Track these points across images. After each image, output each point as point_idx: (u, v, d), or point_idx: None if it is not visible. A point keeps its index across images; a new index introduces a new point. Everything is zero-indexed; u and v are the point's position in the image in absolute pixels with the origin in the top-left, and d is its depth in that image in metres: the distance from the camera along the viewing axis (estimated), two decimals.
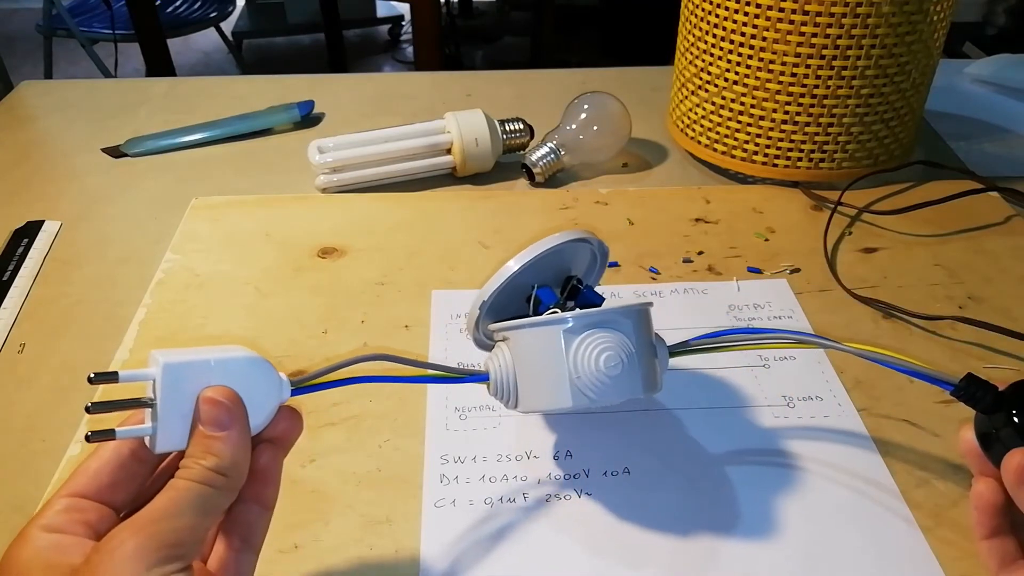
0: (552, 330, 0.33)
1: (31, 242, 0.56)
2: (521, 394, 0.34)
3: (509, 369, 0.34)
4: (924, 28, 0.56)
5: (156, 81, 0.83)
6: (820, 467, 0.40)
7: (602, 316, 0.33)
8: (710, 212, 0.59)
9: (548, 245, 0.35)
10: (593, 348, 0.32)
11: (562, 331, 0.33)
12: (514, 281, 0.36)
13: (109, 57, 2.09)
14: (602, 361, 0.32)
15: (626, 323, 0.33)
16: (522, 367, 0.34)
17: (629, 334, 0.33)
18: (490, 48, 2.69)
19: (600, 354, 0.32)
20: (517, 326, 0.34)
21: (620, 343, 0.33)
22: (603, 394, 0.33)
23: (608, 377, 0.32)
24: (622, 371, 0.32)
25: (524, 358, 0.34)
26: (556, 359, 0.33)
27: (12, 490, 0.40)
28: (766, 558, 0.36)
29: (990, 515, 0.30)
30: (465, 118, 0.63)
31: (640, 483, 0.39)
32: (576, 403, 0.33)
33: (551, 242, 0.36)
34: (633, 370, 0.33)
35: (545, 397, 0.34)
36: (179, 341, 0.47)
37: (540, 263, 0.36)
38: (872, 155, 0.61)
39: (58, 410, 0.44)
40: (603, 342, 0.32)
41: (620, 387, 0.33)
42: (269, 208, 0.60)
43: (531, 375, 0.34)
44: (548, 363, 0.33)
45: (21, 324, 0.50)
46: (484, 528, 0.37)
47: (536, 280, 0.37)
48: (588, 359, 0.32)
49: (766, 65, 0.57)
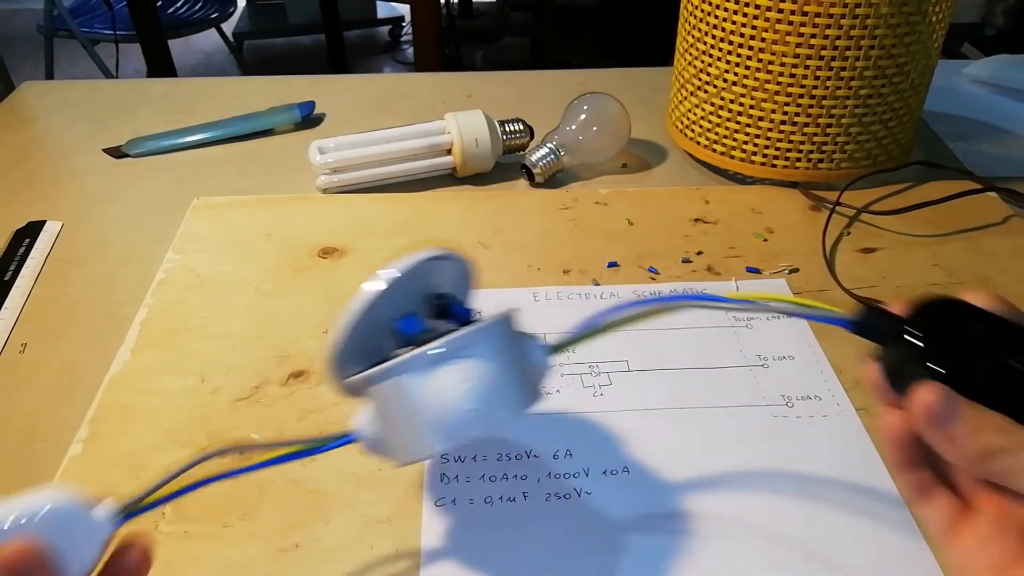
0: (398, 379, 0.30)
1: (32, 242, 0.57)
2: (393, 447, 0.31)
3: (374, 424, 0.31)
4: (923, 29, 0.56)
5: (157, 82, 0.83)
6: (819, 466, 0.40)
7: (450, 346, 0.30)
8: (709, 212, 0.60)
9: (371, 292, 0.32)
10: (446, 386, 0.29)
11: (408, 377, 0.30)
12: (374, 318, 0.32)
13: (110, 58, 2.09)
14: (459, 397, 0.29)
15: (479, 346, 0.30)
16: (384, 420, 0.31)
17: (485, 356, 0.30)
18: (490, 49, 2.69)
19: (454, 391, 0.29)
20: (366, 380, 0.31)
21: (475, 372, 0.30)
22: (473, 428, 0.30)
23: (471, 412, 0.29)
24: (485, 401, 0.30)
25: (383, 411, 0.31)
26: (412, 407, 0.30)
27: (13, 490, 0.39)
28: (765, 557, 0.36)
29: (904, 448, 0.29)
30: (465, 119, 0.63)
31: (639, 482, 0.39)
32: (448, 445, 0.30)
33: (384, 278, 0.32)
34: (498, 394, 0.30)
35: (414, 447, 0.31)
36: (181, 341, 0.48)
37: (396, 294, 0.32)
38: (871, 155, 0.61)
39: (59, 410, 0.44)
40: (455, 376, 0.30)
41: (491, 415, 0.30)
42: (270, 208, 0.60)
43: (395, 427, 0.31)
44: (406, 412, 0.30)
45: (22, 324, 0.50)
46: (484, 527, 0.37)
47: (401, 309, 0.33)
48: (444, 399, 0.29)
49: (765, 66, 0.57)
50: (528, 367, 0.32)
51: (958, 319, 0.28)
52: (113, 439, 0.42)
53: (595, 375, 0.45)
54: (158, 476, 0.39)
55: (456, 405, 0.29)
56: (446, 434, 0.30)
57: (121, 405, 0.43)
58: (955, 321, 0.27)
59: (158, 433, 0.42)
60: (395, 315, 0.32)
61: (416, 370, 0.30)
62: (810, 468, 0.40)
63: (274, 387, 0.45)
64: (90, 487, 0.39)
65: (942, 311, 0.28)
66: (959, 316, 0.28)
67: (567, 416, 0.43)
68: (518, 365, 0.32)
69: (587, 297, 0.51)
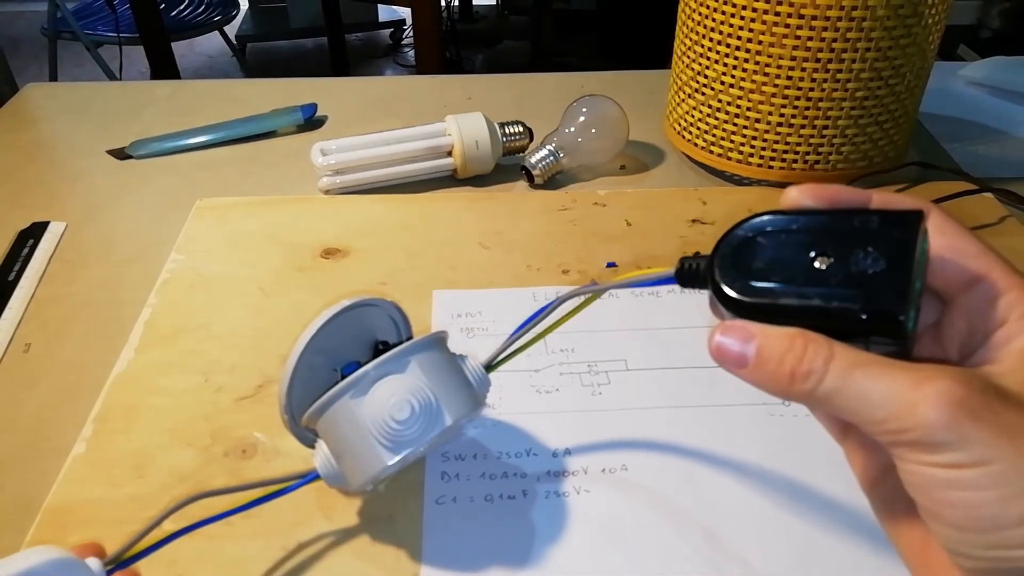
0: (337, 406, 0.32)
1: (36, 243, 0.57)
2: (349, 473, 0.33)
3: (329, 457, 0.33)
4: (919, 31, 0.56)
5: (161, 84, 0.84)
6: (817, 465, 0.40)
7: (380, 366, 0.32)
8: (707, 213, 0.60)
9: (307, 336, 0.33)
10: (381, 400, 0.31)
11: (346, 400, 0.32)
12: (318, 367, 0.34)
13: (114, 60, 2.10)
14: (392, 411, 0.31)
15: (406, 361, 0.32)
16: (335, 449, 0.33)
17: (416, 371, 0.32)
18: (490, 52, 2.70)
19: (389, 402, 0.31)
20: (315, 412, 0.33)
21: (406, 386, 0.31)
22: (413, 440, 0.31)
23: (407, 423, 0.31)
24: (420, 410, 0.31)
25: (332, 441, 0.33)
26: (354, 427, 0.32)
27: (18, 489, 0.40)
28: (765, 557, 0.36)
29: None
30: (466, 121, 0.63)
31: (638, 481, 0.40)
32: (392, 459, 0.31)
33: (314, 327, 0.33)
34: (434, 403, 0.32)
35: (364, 467, 0.32)
36: (184, 340, 0.48)
37: (338, 345, 0.34)
38: (866, 157, 0.61)
39: (63, 410, 0.44)
40: (387, 393, 0.31)
41: (429, 425, 0.31)
42: (273, 209, 0.61)
43: (344, 453, 0.33)
44: (349, 435, 0.32)
45: (26, 324, 0.51)
46: (485, 525, 0.38)
47: (342, 359, 0.35)
48: (379, 416, 0.31)
49: (762, 68, 0.58)
50: (463, 379, 0.34)
51: (764, 234, 0.25)
52: (117, 438, 0.42)
53: (594, 374, 0.46)
54: (161, 476, 0.40)
55: (392, 414, 0.31)
56: (389, 446, 0.31)
57: (125, 404, 0.44)
58: (761, 237, 0.25)
59: (162, 432, 0.43)
60: (340, 363, 0.34)
61: (352, 392, 0.32)
62: (808, 467, 0.40)
63: (277, 386, 0.45)
64: (94, 486, 0.39)
65: (746, 233, 0.25)
66: (765, 231, 0.25)
67: (566, 415, 0.43)
68: (451, 376, 0.33)
69: None
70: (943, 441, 0.21)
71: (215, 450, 0.41)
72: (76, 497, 0.39)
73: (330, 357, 0.35)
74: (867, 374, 0.22)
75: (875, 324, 0.23)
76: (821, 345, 0.23)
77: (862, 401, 0.22)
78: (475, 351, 0.36)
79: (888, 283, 0.23)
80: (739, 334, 0.24)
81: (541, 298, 0.52)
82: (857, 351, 0.23)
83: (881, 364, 0.22)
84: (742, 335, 0.24)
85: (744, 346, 0.24)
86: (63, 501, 0.39)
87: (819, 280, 0.23)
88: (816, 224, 0.24)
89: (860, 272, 0.23)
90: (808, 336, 0.23)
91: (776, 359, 0.23)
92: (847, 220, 0.24)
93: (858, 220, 0.24)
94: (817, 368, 0.22)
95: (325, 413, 0.33)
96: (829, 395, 0.22)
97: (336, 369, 0.35)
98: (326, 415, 0.33)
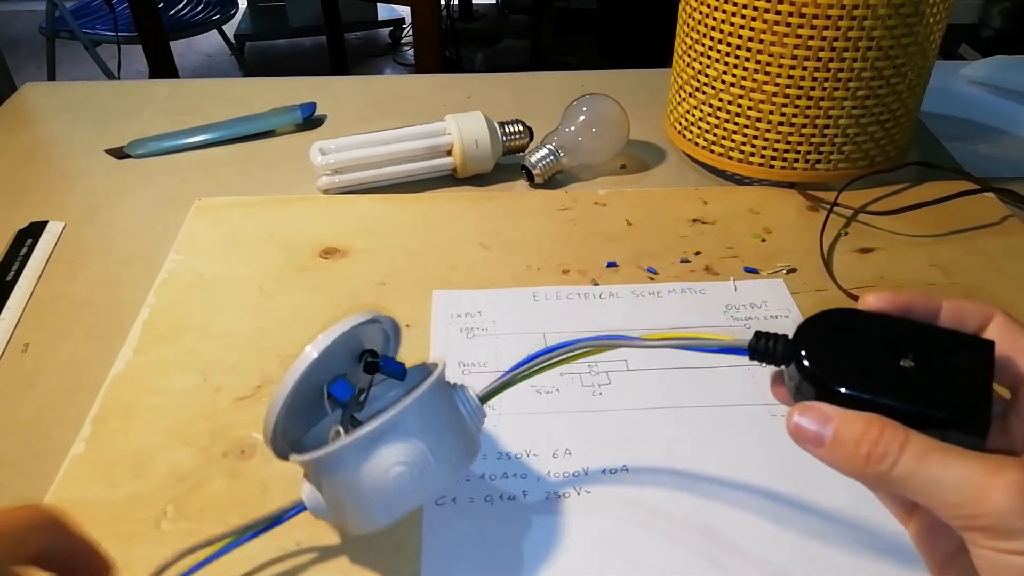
0: (335, 464, 0.31)
1: (35, 243, 0.57)
2: (340, 519, 0.33)
3: (318, 498, 0.33)
4: (920, 30, 0.56)
5: (159, 83, 0.83)
6: (818, 465, 0.40)
7: (380, 428, 0.31)
8: (707, 213, 0.60)
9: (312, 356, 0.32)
10: (377, 470, 0.31)
11: (345, 462, 0.31)
12: (308, 383, 0.33)
13: (112, 59, 2.10)
14: (390, 478, 0.31)
15: (410, 422, 0.31)
16: (328, 497, 0.33)
17: (416, 431, 0.31)
18: (490, 51, 2.70)
19: (389, 472, 0.31)
20: (309, 463, 0.32)
21: (405, 452, 0.31)
22: (408, 502, 0.32)
23: (404, 488, 0.31)
24: (418, 474, 0.31)
25: (326, 490, 0.33)
26: (351, 490, 0.31)
27: (16, 489, 0.40)
28: (765, 557, 0.36)
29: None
30: (465, 120, 0.63)
31: (638, 481, 0.40)
32: (387, 521, 0.32)
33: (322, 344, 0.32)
34: (432, 465, 0.31)
35: (357, 523, 0.32)
36: (183, 340, 0.48)
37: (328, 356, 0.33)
38: (868, 156, 0.61)
39: (62, 410, 0.44)
40: (385, 459, 0.31)
41: (425, 486, 0.31)
42: (272, 209, 0.60)
43: (337, 505, 0.33)
44: (342, 494, 0.32)
45: (25, 324, 0.50)
46: (485, 526, 0.38)
47: (333, 370, 0.34)
48: (376, 482, 0.31)
49: (763, 67, 0.58)
50: (463, 423, 0.34)
51: (847, 329, 0.28)
52: (116, 438, 0.42)
53: (594, 374, 0.45)
54: (160, 475, 0.40)
55: (390, 481, 0.31)
56: (386, 512, 0.32)
57: (124, 404, 0.44)
58: (844, 331, 0.27)
59: (161, 432, 0.42)
60: (327, 377, 0.33)
61: (351, 455, 0.31)
62: (809, 467, 0.40)
63: (276, 386, 0.45)
64: (93, 486, 0.39)
65: (831, 323, 0.28)
66: (848, 326, 0.28)
67: (566, 415, 0.43)
68: (452, 427, 0.33)
69: (586, 297, 0.52)
70: (1016, 528, 0.22)
71: (214, 450, 0.41)
72: (75, 497, 0.39)
73: (318, 367, 0.33)
74: (941, 460, 0.24)
75: (955, 426, 0.25)
76: (897, 430, 0.24)
77: (936, 485, 0.23)
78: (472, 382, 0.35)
79: (967, 389, 0.25)
80: (816, 416, 0.26)
81: (541, 298, 0.51)
82: (930, 439, 0.24)
83: (955, 452, 0.24)
84: (819, 417, 0.26)
85: (822, 427, 0.25)
86: (62, 501, 0.39)
87: (903, 378, 0.26)
88: (899, 328, 0.27)
89: (942, 377, 0.26)
90: (884, 421, 0.25)
91: (853, 441, 0.25)
92: (929, 330, 0.28)
93: (940, 332, 0.27)
94: (892, 451, 0.24)
95: (318, 466, 0.32)
96: (903, 478, 0.24)
97: (324, 387, 0.33)
98: (319, 468, 0.32)
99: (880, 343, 0.27)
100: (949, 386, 0.26)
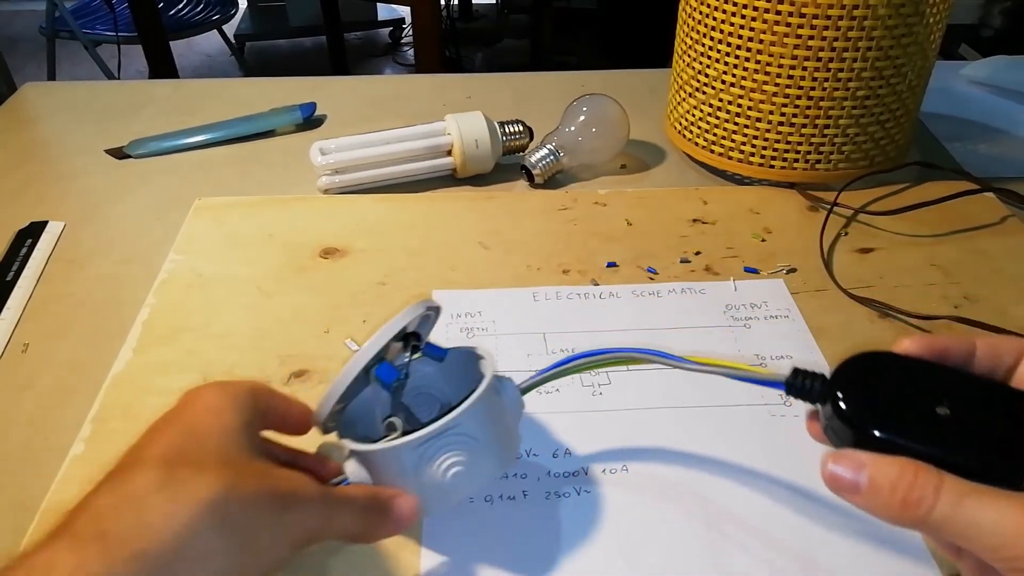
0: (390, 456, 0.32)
1: (35, 243, 0.57)
2: None
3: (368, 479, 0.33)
4: (920, 30, 0.56)
5: (159, 83, 0.83)
6: (817, 463, 0.40)
7: (443, 427, 0.32)
8: (707, 213, 0.60)
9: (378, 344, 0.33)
10: (435, 465, 0.32)
11: (400, 459, 0.32)
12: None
13: (112, 59, 2.10)
14: (449, 476, 0.32)
15: (467, 423, 0.32)
16: (376, 482, 0.33)
17: (472, 430, 0.32)
18: (490, 51, 2.70)
19: (443, 469, 0.32)
20: (361, 455, 0.33)
21: (463, 451, 0.32)
22: (463, 493, 0.33)
23: (460, 484, 0.32)
24: (474, 471, 0.32)
25: (374, 474, 0.33)
26: (398, 479, 0.32)
27: (16, 489, 0.40)
28: (765, 557, 0.36)
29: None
30: (465, 120, 0.63)
31: (639, 481, 0.40)
32: (440, 511, 0.34)
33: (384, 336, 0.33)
34: (485, 463, 0.33)
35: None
36: (183, 340, 0.48)
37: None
38: (868, 156, 0.61)
39: (61, 410, 0.44)
40: (444, 456, 0.32)
41: (479, 480, 0.33)
42: (272, 209, 0.60)
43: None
44: (401, 484, 0.32)
45: (25, 324, 0.50)
46: (484, 526, 0.38)
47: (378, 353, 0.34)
48: (434, 477, 0.32)
49: (763, 67, 0.58)
50: (508, 416, 0.34)
51: (884, 372, 0.28)
52: (115, 438, 0.42)
53: (594, 374, 0.45)
54: None
55: (449, 483, 0.32)
56: (439, 505, 0.33)
57: (123, 404, 0.44)
58: (880, 375, 0.28)
59: None
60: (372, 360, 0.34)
61: (409, 453, 0.32)
62: (808, 467, 0.40)
63: (276, 386, 0.45)
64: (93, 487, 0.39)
65: (868, 366, 0.28)
66: (884, 369, 0.28)
67: (566, 415, 0.43)
68: (501, 422, 0.34)
69: (586, 297, 0.52)
70: None
71: None
72: (75, 497, 0.38)
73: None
74: (977, 503, 0.24)
75: (990, 477, 0.25)
76: (931, 474, 0.24)
77: (974, 528, 0.24)
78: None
79: (1003, 439, 0.26)
80: (851, 463, 0.26)
81: (541, 298, 0.51)
82: (965, 481, 0.24)
83: (990, 493, 0.24)
84: (854, 464, 0.26)
85: (856, 474, 0.25)
86: (62, 501, 0.38)
87: (939, 426, 0.26)
88: (936, 374, 0.28)
89: (978, 426, 0.26)
90: (917, 465, 0.25)
91: (888, 487, 0.25)
92: (966, 377, 0.28)
93: (977, 380, 0.28)
94: (928, 495, 0.24)
95: (375, 457, 0.33)
96: (941, 522, 0.24)
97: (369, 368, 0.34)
98: (371, 459, 0.33)
99: (916, 388, 0.27)
100: (985, 436, 0.26)
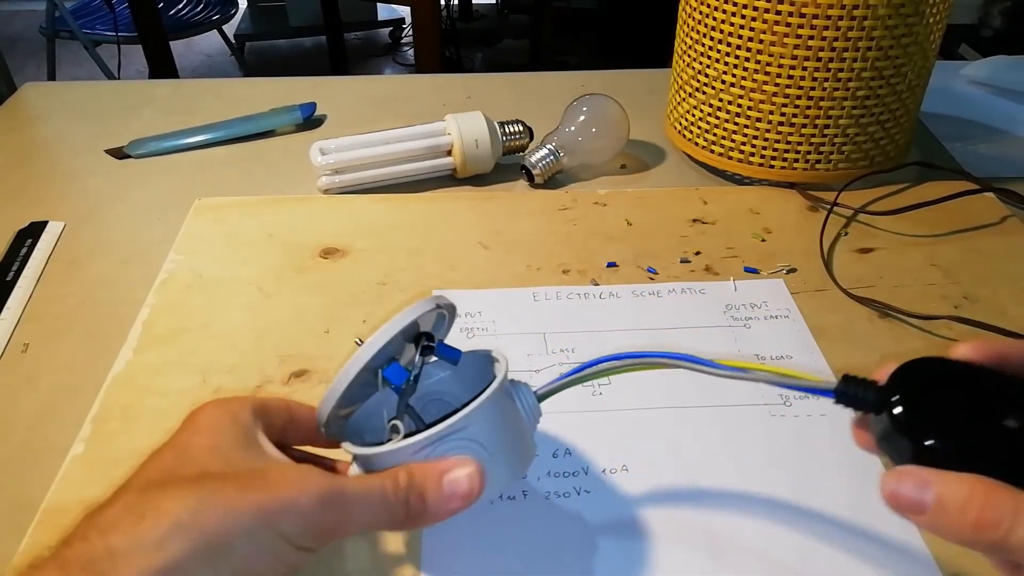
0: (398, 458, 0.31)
1: (35, 243, 0.57)
2: None
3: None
4: (920, 30, 0.56)
5: (159, 83, 0.83)
6: (817, 465, 0.40)
7: (448, 429, 0.30)
8: (707, 213, 0.60)
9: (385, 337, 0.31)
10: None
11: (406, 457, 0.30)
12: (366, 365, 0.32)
13: (112, 59, 2.10)
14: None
15: (474, 427, 0.30)
16: None
17: (480, 435, 0.31)
18: (490, 51, 2.70)
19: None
20: (365, 458, 0.31)
21: (469, 454, 0.30)
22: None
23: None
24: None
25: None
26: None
27: (15, 489, 0.40)
28: (765, 557, 0.36)
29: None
30: (465, 120, 0.63)
31: (638, 481, 0.40)
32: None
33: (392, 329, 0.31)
34: (489, 471, 0.30)
35: None
36: (183, 340, 0.48)
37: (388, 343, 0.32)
38: (868, 156, 0.61)
39: (61, 410, 0.44)
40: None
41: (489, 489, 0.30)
42: (271, 209, 0.60)
43: None
44: None
45: (25, 324, 0.50)
46: (484, 526, 0.38)
47: (386, 351, 0.32)
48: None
49: (763, 67, 0.58)
50: (521, 423, 0.33)
51: (942, 379, 0.26)
52: (115, 438, 0.42)
53: None
54: None
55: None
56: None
57: (123, 404, 0.44)
58: (939, 382, 0.26)
59: (160, 432, 0.42)
60: (381, 359, 0.32)
61: (412, 457, 0.30)
62: (808, 467, 0.40)
63: (275, 386, 0.45)
64: (93, 486, 0.39)
65: (925, 373, 0.26)
66: (943, 377, 0.26)
67: (566, 415, 0.43)
68: (512, 429, 0.32)
69: (586, 297, 0.51)
70: None
71: None
72: (75, 497, 0.39)
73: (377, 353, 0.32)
74: None
75: None
76: (1005, 492, 0.23)
77: None
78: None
79: None
80: (914, 481, 0.24)
81: (541, 298, 0.51)
82: None
83: None
84: (917, 482, 0.24)
85: (921, 493, 0.23)
86: (62, 501, 0.38)
87: (1005, 438, 0.24)
88: (997, 382, 0.25)
89: None
90: (989, 483, 0.23)
91: (957, 507, 0.23)
92: None
93: None
94: (1006, 516, 0.22)
95: (377, 461, 0.31)
96: (1020, 544, 0.22)
97: (377, 368, 0.32)
98: (377, 462, 0.31)
99: (977, 398, 0.25)
100: None
